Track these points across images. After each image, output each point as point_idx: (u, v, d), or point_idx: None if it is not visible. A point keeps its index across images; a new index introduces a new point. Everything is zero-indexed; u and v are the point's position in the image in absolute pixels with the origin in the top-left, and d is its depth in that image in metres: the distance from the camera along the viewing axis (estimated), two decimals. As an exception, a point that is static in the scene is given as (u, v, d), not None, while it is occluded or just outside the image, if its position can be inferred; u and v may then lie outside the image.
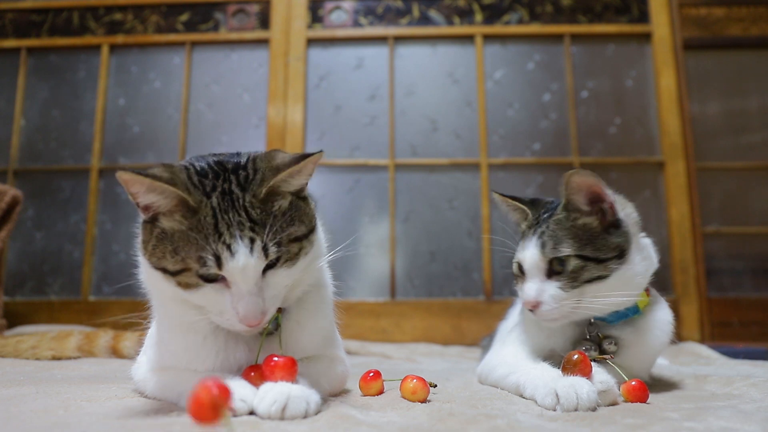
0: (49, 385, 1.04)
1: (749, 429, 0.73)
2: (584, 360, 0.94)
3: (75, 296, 2.94)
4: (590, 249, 1.03)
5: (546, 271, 1.05)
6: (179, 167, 0.84)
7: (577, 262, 1.02)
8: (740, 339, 2.69)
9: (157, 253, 0.81)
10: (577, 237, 1.04)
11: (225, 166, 0.85)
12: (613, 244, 1.04)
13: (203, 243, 0.77)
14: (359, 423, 0.75)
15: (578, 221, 1.05)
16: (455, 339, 2.75)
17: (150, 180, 0.78)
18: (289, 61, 3.09)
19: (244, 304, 0.79)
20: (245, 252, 0.77)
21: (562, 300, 1.03)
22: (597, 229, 1.05)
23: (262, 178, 0.83)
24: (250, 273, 0.78)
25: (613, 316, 1.09)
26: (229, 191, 0.81)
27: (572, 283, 1.02)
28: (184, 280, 0.80)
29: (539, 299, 1.03)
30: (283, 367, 0.82)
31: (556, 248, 1.03)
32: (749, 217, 2.90)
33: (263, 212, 0.81)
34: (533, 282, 1.05)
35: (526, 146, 3.02)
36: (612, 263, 1.03)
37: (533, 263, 1.06)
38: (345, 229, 2.94)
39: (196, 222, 0.79)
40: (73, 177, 3.06)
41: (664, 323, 1.13)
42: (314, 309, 0.97)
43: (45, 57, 3.19)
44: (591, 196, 1.06)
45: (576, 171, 1.03)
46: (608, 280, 1.03)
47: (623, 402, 0.95)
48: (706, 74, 3.02)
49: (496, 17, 3.12)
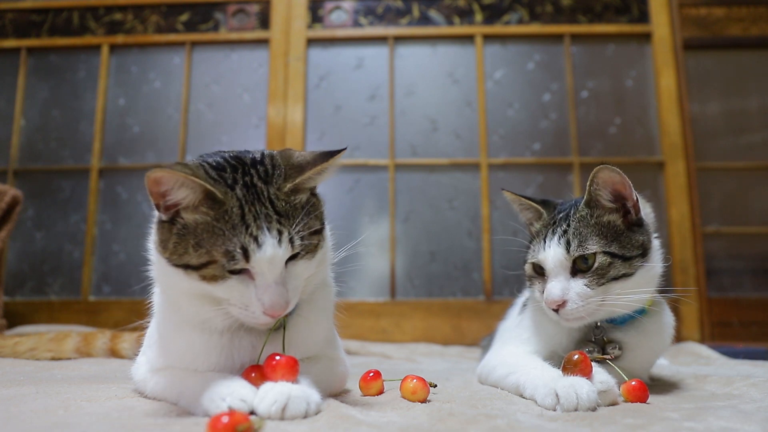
0: (49, 385, 1.04)
1: (749, 429, 0.73)
2: (584, 360, 0.94)
3: (75, 296, 2.94)
4: (616, 246, 1.02)
5: (570, 269, 1.03)
6: (195, 164, 0.85)
7: (604, 258, 1.01)
8: (740, 339, 2.69)
9: (179, 250, 0.81)
10: (602, 234, 1.03)
11: (243, 160, 0.87)
12: (638, 242, 1.04)
13: (230, 234, 0.78)
14: (359, 423, 0.75)
15: (603, 218, 1.05)
16: (455, 339, 2.75)
17: (183, 175, 0.78)
18: (289, 61, 3.09)
19: (270, 295, 0.80)
20: (273, 243, 0.79)
21: (589, 298, 1.01)
22: (621, 227, 1.05)
23: (286, 174, 0.85)
24: (277, 264, 0.80)
25: (621, 317, 1.08)
26: (252, 184, 0.83)
27: (599, 281, 1.01)
28: (209, 272, 0.80)
29: (565, 298, 1.02)
30: (285, 367, 0.82)
31: (582, 245, 1.02)
32: (749, 217, 2.90)
33: (288, 205, 0.83)
34: (558, 281, 1.03)
35: (526, 146, 3.02)
36: (636, 261, 1.02)
37: (557, 262, 1.03)
38: (345, 229, 2.94)
39: (222, 213, 0.80)
40: (73, 177, 3.06)
41: (667, 326, 1.13)
42: (321, 307, 0.98)
43: (45, 57, 3.19)
44: (615, 193, 1.05)
45: (604, 166, 1.02)
46: (633, 278, 1.02)
47: (623, 402, 0.95)
48: (706, 74, 3.02)
49: (496, 17, 3.12)
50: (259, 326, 0.85)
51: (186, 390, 0.83)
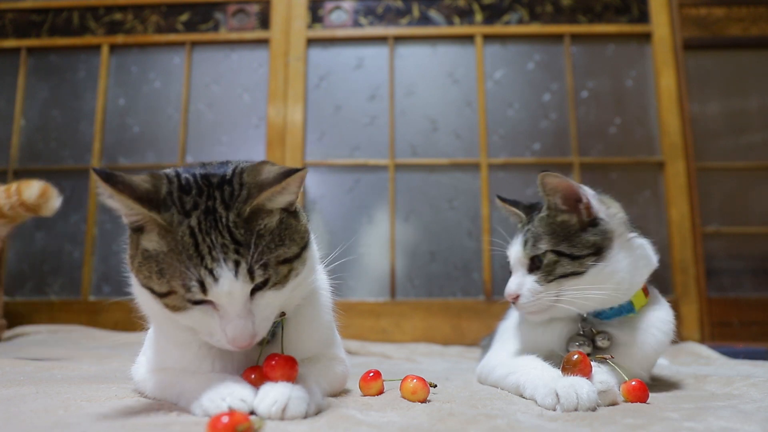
0: (49, 385, 1.04)
1: (749, 429, 0.73)
2: (584, 360, 0.94)
3: (75, 296, 2.94)
4: (565, 245, 1.06)
5: (528, 266, 1.09)
6: (165, 178, 0.80)
7: (552, 257, 1.06)
8: (740, 339, 2.69)
9: (144, 272, 0.77)
10: (554, 233, 1.08)
11: (210, 180, 0.80)
12: (589, 242, 1.06)
13: (184, 267, 0.73)
14: (359, 423, 0.75)
15: (557, 218, 1.10)
16: (455, 339, 2.75)
17: (111, 189, 0.73)
18: (289, 61, 3.09)
19: (232, 328, 0.75)
20: (230, 276, 0.73)
21: (539, 293, 1.07)
22: (575, 227, 1.08)
23: (247, 195, 0.78)
24: (237, 297, 0.75)
25: (607, 313, 1.10)
26: (212, 209, 0.76)
27: (547, 277, 1.06)
28: (171, 302, 0.77)
29: (519, 292, 1.08)
30: (284, 367, 0.82)
31: (535, 245, 1.08)
32: (749, 217, 2.90)
33: (247, 232, 0.76)
34: (515, 276, 1.11)
35: (526, 146, 3.02)
36: (588, 260, 1.05)
37: (516, 259, 1.12)
38: (345, 229, 2.95)
39: (174, 243, 0.74)
40: (73, 177, 3.06)
41: (663, 323, 1.13)
42: (311, 317, 0.96)
43: (45, 57, 3.19)
44: (568, 196, 1.09)
45: (546, 173, 1.07)
46: (584, 276, 1.06)
47: (623, 402, 0.95)
48: (706, 74, 3.02)
49: (496, 17, 3.12)
50: (236, 350, 0.81)
51: (186, 390, 0.83)
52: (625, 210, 1.16)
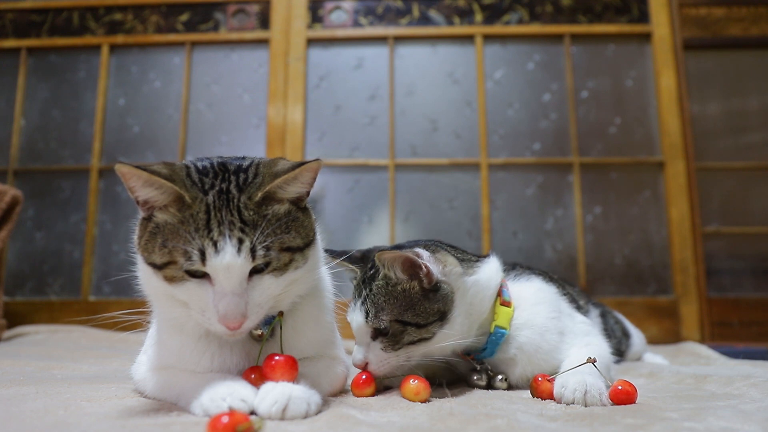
0: (49, 385, 1.04)
1: (749, 429, 0.73)
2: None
3: (75, 296, 2.94)
4: (410, 314, 1.02)
5: (371, 334, 1.04)
6: (180, 165, 0.86)
7: (397, 326, 1.02)
8: (740, 339, 2.69)
9: (148, 248, 0.81)
10: (396, 302, 1.02)
11: (227, 167, 0.86)
12: (434, 309, 1.03)
13: (190, 237, 0.78)
14: (359, 423, 0.75)
15: (398, 287, 1.04)
16: (455, 339, 2.74)
17: (147, 174, 0.79)
18: (289, 61, 3.09)
19: (225, 303, 0.78)
20: (232, 251, 0.77)
21: (386, 360, 1.03)
22: (417, 294, 1.03)
23: (261, 181, 0.83)
24: (235, 272, 0.78)
25: (487, 351, 1.12)
26: (226, 191, 0.81)
27: (394, 345, 1.03)
28: (169, 273, 0.80)
29: (366, 360, 1.04)
30: (284, 367, 0.82)
31: (377, 317, 1.02)
32: (749, 217, 2.90)
33: (256, 214, 0.81)
34: (360, 346, 1.06)
35: (526, 146, 3.02)
36: (434, 327, 1.03)
37: (358, 329, 1.06)
38: (345, 229, 2.95)
39: (188, 216, 0.79)
40: (73, 177, 3.06)
41: (533, 315, 1.16)
42: (310, 317, 0.97)
43: (45, 57, 3.19)
44: (407, 266, 1.03)
45: (384, 251, 1.01)
46: (432, 340, 1.04)
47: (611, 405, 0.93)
48: (706, 74, 3.02)
49: (496, 17, 3.12)
50: (224, 336, 0.82)
51: (186, 390, 0.83)
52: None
